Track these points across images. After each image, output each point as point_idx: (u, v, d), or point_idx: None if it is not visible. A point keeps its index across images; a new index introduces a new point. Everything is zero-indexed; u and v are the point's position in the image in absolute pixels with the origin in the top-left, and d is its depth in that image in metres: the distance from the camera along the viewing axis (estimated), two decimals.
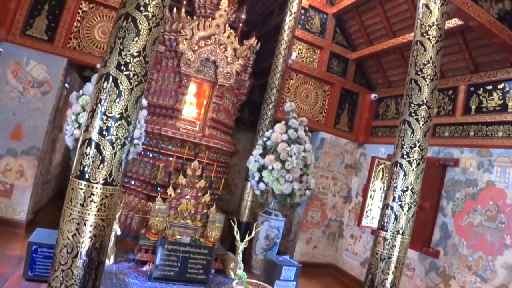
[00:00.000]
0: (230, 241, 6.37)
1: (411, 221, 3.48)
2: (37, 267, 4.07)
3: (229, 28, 6.89)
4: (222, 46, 6.76)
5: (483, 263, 5.06)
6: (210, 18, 6.80)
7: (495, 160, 5.33)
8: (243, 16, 7.47)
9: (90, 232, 2.33)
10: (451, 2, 3.90)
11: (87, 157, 2.33)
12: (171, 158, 6.49)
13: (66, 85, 6.30)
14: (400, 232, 3.44)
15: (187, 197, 5.91)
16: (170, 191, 5.83)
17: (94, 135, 2.33)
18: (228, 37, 6.82)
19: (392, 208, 3.48)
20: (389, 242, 3.44)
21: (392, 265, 3.43)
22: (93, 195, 2.32)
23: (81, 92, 5.20)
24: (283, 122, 6.35)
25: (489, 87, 5.75)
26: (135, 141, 5.30)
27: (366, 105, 8.08)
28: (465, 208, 5.50)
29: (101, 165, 2.33)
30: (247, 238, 5.72)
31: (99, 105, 2.35)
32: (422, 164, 3.52)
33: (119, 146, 2.38)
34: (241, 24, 7.39)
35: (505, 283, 4.75)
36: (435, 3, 3.67)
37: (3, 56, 5.31)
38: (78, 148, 2.39)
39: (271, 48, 7.35)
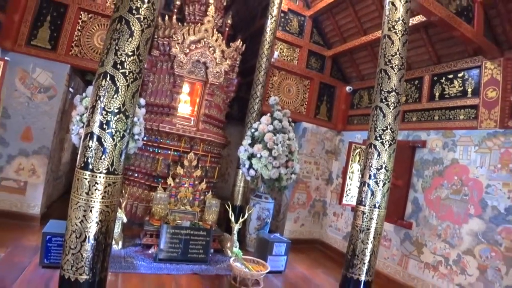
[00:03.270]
0: (225, 223, 6.37)
1: (386, 195, 3.50)
2: (51, 255, 4.04)
3: (216, 32, 6.83)
4: (211, 49, 6.71)
5: (451, 231, 5.13)
6: (199, 24, 6.73)
7: (458, 140, 5.39)
8: (229, 21, 7.44)
9: (96, 217, 2.30)
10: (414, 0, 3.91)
11: (90, 149, 2.30)
12: (169, 152, 6.46)
13: (70, 89, 6.21)
14: (377, 206, 3.46)
15: (185, 185, 5.89)
16: (169, 181, 5.81)
17: (96, 129, 2.30)
18: (216, 40, 6.76)
19: (368, 185, 3.49)
20: (367, 215, 3.46)
21: (371, 236, 3.45)
22: (97, 184, 2.30)
23: (84, 94, 5.15)
24: (268, 114, 6.33)
25: (450, 76, 5.80)
26: (136, 137, 5.25)
27: (342, 97, 8.09)
28: (433, 184, 5.56)
29: (103, 156, 2.30)
30: (241, 220, 5.73)
31: (98, 101, 2.31)
32: (393, 145, 3.53)
33: (119, 138, 2.34)
34: (227, 28, 7.35)
35: (471, 247, 4.83)
36: (400, 0, 3.67)
37: (10, 65, 5.19)
38: (81, 141, 2.35)
39: (255, 49, 7.30)
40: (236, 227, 5.62)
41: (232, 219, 5.71)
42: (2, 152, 5.38)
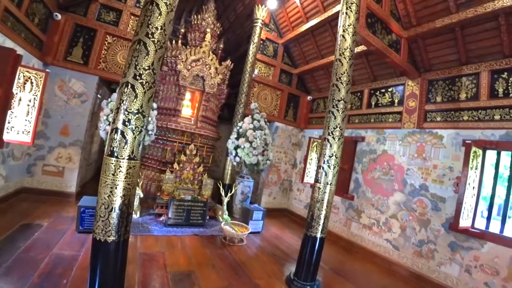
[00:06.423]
0: (218, 197, 6.35)
1: (335, 176, 3.55)
2: (85, 223, 3.97)
3: (212, 54, 6.73)
4: (207, 66, 6.61)
5: (381, 201, 5.28)
6: (199, 47, 6.62)
7: (387, 136, 5.52)
8: (221, 45, 7.34)
9: (120, 193, 2.24)
10: (359, 34, 3.94)
11: (115, 141, 2.23)
12: (175, 143, 6.35)
13: (99, 95, 5.99)
14: (329, 183, 3.51)
15: (187, 169, 5.84)
16: (175, 165, 5.74)
17: (120, 125, 2.23)
18: (211, 59, 6.67)
19: (323, 168, 3.53)
20: (322, 190, 3.51)
21: (324, 205, 3.50)
22: (121, 167, 2.23)
23: (109, 100, 4.98)
24: (250, 116, 6.30)
25: (383, 90, 5.92)
26: (150, 132, 5.13)
27: (304, 104, 8.13)
28: (369, 168, 5.69)
29: (125, 146, 2.23)
30: (229, 194, 5.73)
31: (122, 104, 2.24)
32: (341, 139, 3.58)
33: (138, 132, 2.27)
34: (220, 51, 7.25)
35: (395, 213, 4.99)
36: (348, 34, 3.69)
37: (50, 76, 4.97)
38: (108, 135, 2.28)
39: (241, 67, 7.25)
40: (225, 200, 5.62)
41: (223, 193, 5.70)
42: (44, 144, 5.18)
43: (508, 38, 3.87)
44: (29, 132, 3.97)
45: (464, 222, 4.07)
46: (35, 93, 3.99)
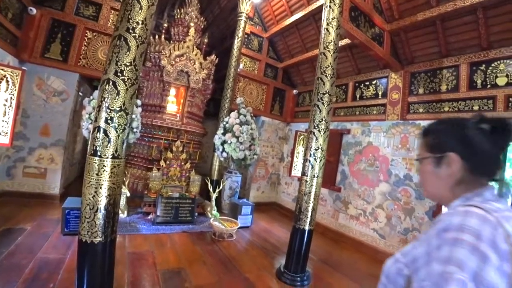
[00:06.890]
0: (206, 193, 6.32)
1: (322, 168, 3.59)
2: (70, 225, 3.86)
3: (196, 48, 6.62)
4: (191, 61, 6.51)
5: (367, 192, 5.39)
6: (183, 42, 6.50)
7: (372, 128, 5.61)
8: (206, 40, 7.25)
9: (105, 192, 2.18)
10: (342, 27, 3.96)
11: (98, 139, 2.16)
12: (161, 140, 6.25)
13: (80, 93, 5.80)
14: (315, 176, 3.54)
15: (174, 166, 5.77)
16: (162, 163, 5.66)
17: (102, 124, 2.16)
18: (196, 54, 6.57)
19: (309, 161, 3.57)
20: (309, 183, 3.55)
21: (312, 197, 3.54)
22: (105, 166, 2.17)
23: (91, 97, 4.85)
24: (236, 111, 6.26)
25: (367, 83, 6.00)
26: (134, 130, 5.03)
27: (290, 98, 8.16)
28: (355, 159, 5.79)
29: (109, 145, 2.17)
30: (217, 190, 5.71)
31: (103, 101, 2.17)
32: (327, 132, 3.61)
33: (121, 130, 2.21)
34: (204, 45, 7.16)
35: (381, 203, 5.10)
36: (332, 27, 3.71)
37: (27, 74, 4.77)
38: (90, 134, 2.22)
39: (226, 61, 7.17)
40: (214, 196, 5.60)
41: (211, 189, 5.68)
42: (23, 145, 4.98)
43: (486, 31, 3.98)
44: (6, 133, 3.83)
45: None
46: (11, 92, 3.84)
